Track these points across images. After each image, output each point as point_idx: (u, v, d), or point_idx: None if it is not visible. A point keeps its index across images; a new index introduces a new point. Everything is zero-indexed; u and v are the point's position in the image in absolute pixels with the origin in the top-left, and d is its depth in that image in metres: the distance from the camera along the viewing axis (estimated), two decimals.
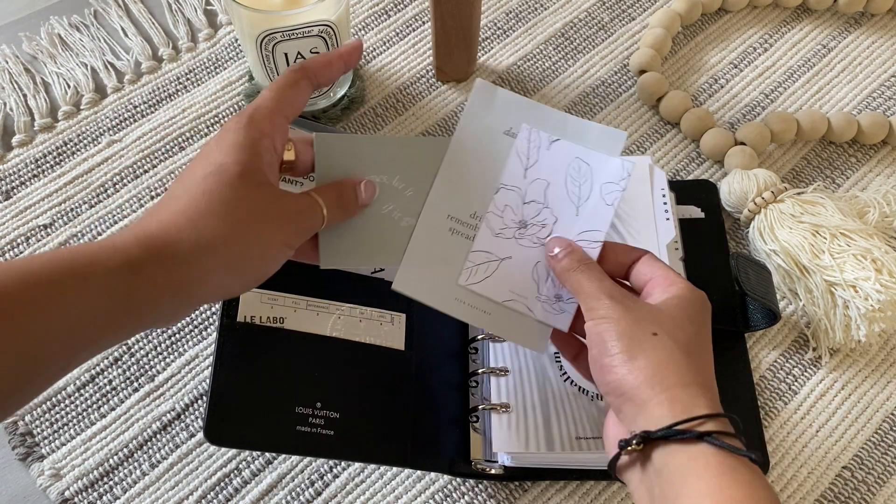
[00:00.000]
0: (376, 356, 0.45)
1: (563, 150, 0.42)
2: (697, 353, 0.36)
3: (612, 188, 0.42)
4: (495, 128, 0.42)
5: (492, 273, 0.41)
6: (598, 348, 0.36)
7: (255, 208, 0.34)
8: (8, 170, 0.58)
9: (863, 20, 0.66)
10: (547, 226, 0.42)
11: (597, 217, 0.41)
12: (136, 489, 0.47)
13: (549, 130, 0.42)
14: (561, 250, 0.40)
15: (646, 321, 0.36)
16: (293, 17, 0.49)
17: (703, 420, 0.33)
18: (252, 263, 0.34)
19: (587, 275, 0.39)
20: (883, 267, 0.49)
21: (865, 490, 0.47)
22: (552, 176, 0.42)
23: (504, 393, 0.46)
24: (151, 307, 0.32)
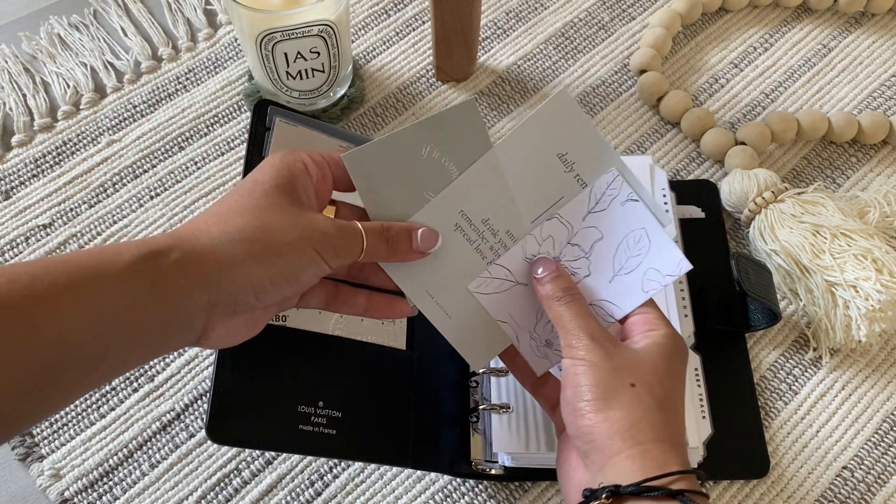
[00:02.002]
0: (378, 355, 0.45)
1: (634, 214, 0.39)
2: (673, 408, 0.35)
3: (655, 277, 0.38)
4: (551, 146, 0.39)
5: (502, 291, 0.40)
6: (573, 390, 0.35)
7: (285, 215, 0.34)
8: (7, 170, 0.58)
9: (863, 20, 0.66)
10: (577, 276, 0.39)
11: (626, 296, 0.39)
12: (136, 489, 0.47)
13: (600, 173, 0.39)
14: (546, 273, 0.39)
15: (625, 370, 0.35)
16: (293, 17, 0.49)
17: (676, 477, 0.32)
18: (280, 259, 0.33)
19: (571, 309, 0.37)
20: (883, 267, 0.48)
21: (865, 490, 0.47)
22: (609, 232, 0.39)
23: (504, 393, 0.46)
24: (182, 295, 0.31)
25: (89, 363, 0.30)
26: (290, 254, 0.34)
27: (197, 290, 0.32)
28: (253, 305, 0.34)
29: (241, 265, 0.32)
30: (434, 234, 0.38)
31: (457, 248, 0.39)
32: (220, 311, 0.33)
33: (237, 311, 0.34)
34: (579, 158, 0.39)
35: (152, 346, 0.32)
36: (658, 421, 0.34)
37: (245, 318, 0.35)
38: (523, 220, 0.40)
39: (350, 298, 0.40)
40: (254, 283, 0.33)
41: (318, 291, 0.39)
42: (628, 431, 0.33)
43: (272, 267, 0.33)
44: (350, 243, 0.35)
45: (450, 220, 0.39)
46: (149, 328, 0.31)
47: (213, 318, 0.33)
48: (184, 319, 0.32)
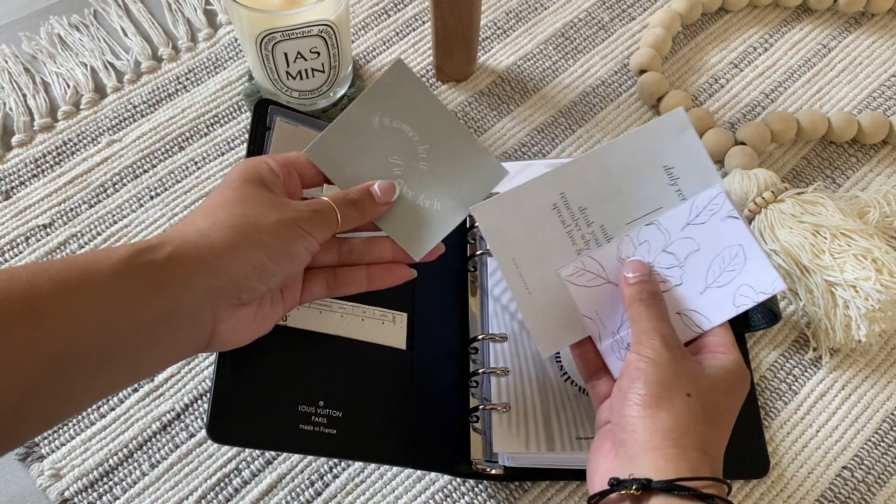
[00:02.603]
0: (378, 355, 0.45)
1: (733, 230, 0.40)
2: (720, 426, 0.36)
3: (748, 293, 0.39)
4: (660, 157, 0.41)
5: (592, 287, 0.41)
6: (629, 381, 0.36)
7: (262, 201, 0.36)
8: (7, 170, 0.58)
9: (863, 20, 0.66)
10: (668, 283, 0.40)
11: (715, 309, 0.40)
12: (136, 489, 0.47)
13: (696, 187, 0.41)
14: (636, 276, 0.40)
15: (685, 379, 0.36)
16: (293, 17, 0.49)
17: (706, 483, 0.33)
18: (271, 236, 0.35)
19: (650, 310, 0.38)
20: (883, 267, 0.49)
21: (865, 490, 0.47)
22: (706, 245, 0.40)
23: (504, 393, 0.46)
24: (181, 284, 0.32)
25: (96, 360, 0.30)
26: (278, 232, 0.35)
27: (196, 278, 0.32)
28: (257, 288, 0.35)
29: (236, 248, 0.34)
30: (391, 185, 0.40)
31: (550, 226, 0.41)
32: (226, 299, 0.34)
33: (243, 297, 0.35)
34: (684, 175, 0.41)
35: (163, 343, 0.32)
36: (703, 433, 0.35)
37: (253, 310, 0.36)
38: (619, 219, 0.41)
39: (350, 277, 0.41)
40: (252, 262, 0.34)
41: (318, 280, 0.40)
42: (671, 433, 0.34)
43: (266, 245, 0.35)
44: (325, 216, 0.38)
45: (550, 197, 0.41)
46: (153, 322, 0.31)
47: (220, 309, 0.34)
48: (189, 311, 0.32)
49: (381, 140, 0.41)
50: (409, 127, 0.41)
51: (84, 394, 0.31)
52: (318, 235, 0.37)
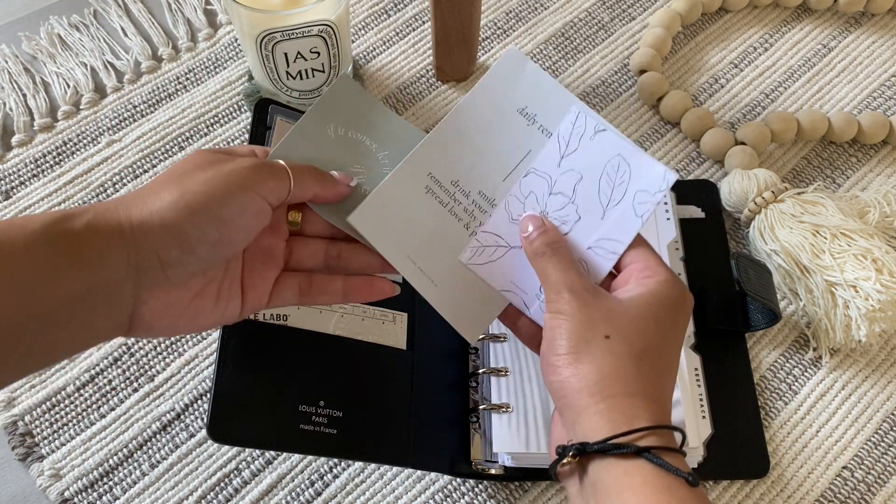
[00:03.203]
0: (378, 355, 0.45)
1: (606, 143, 0.38)
2: (653, 361, 0.33)
3: (645, 198, 0.37)
4: (510, 102, 0.39)
5: (497, 259, 0.39)
6: (547, 344, 0.34)
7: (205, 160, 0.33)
8: (7, 169, 0.58)
9: (863, 20, 0.66)
10: (568, 223, 0.38)
11: (622, 227, 0.37)
12: (136, 489, 0.47)
13: (563, 122, 0.39)
14: (534, 230, 0.37)
15: (602, 321, 0.33)
16: (293, 17, 0.49)
17: (644, 433, 0.31)
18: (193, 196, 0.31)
19: (552, 261, 0.36)
20: (883, 267, 0.49)
21: (865, 490, 0.47)
22: (587, 170, 0.38)
23: (504, 393, 0.46)
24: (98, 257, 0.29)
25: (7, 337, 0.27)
26: (203, 189, 0.31)
27: (114, 251, 0.29)
28: (181, 261, 0.31)
29: (155, 214, 0.30)
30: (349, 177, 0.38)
31: (430, 211, 0.39)
32: (149, 277, 0.30)
33: (168, 274, 0.31)
34: (540, 110, 0.39)
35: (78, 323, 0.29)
36: (631, 374, 0.32)
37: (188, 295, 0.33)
38: (495, 179, 0.40)
39: (325, 286, 0.38)
40: (170, 229, 0.30)
41: (290, 283, 0.37)
42: (597, 385, 0.32)
43: (185, 205, 0.31)
44: (275, 171, 0.34)
45: (420, 183, 0.39)
46: (68, 298, 0.28)
47: (144, 287, 0.30)
48: (106, 287, 0.29)
49: (341, 149, 0.40)
50: (364, 136, 0.40)
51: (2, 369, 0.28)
52: (263, 189, 0.33)
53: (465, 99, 0.39)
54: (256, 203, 0.33)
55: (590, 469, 0.31)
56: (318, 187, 0.37)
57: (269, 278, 0.37)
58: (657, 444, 0.31)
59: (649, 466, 0.30)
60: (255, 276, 0.36)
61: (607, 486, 0.30)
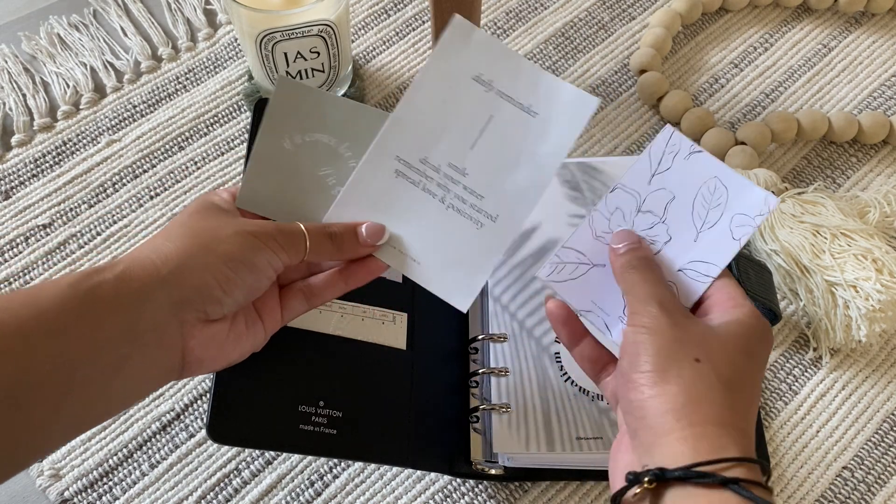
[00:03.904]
0: (378, 355, 0.45)
1: (702, 165, 0.37)
2: (741, 392, 0.31)
3: (744, 221, 0.36)
4: (464, 71, 0.39)
5: (578, 276, 0.38)
6: (629, 360, 0.32)
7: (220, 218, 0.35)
8: (7, 169, 0.58)
9: (863, 20, 0.66)
10: (657, 243, 0.37)
11: (717, 250, 0.36)
12: (136, 489, 0.47)
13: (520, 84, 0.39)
14: (625, 245, 0.36)
15: (691, 343, 0.31)
16: (293, 17, 0.49)
17: (731, 465, 0.29)
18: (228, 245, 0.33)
19: (643, 275, 0.35)
20: (883, 267, 0.48)
21: (865, 490, 0.47)
22: (681, 190, 0.37)
23: (504, 393, 0.46)
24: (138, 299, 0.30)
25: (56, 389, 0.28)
26: (235, 240, 0.34)
27: (154, 291, 0.30)
28: (221, 300, 0.33)
29: (192, 258, 0.32)
30: (380, 227, 0.38)
31: (405, 194, 0.39)
32: (191, 314, 0.32)
33: (208, 311, 0.33)
34: (495, 75, 0.39)
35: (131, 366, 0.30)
36: (720, 402, 0.30)
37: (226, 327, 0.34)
38: (461, 148, 0.39)
39: (326, 283, 0.40)
40: (212, 271, 0.32)
41: (294, 294, 0.39)
42: (683, 409, 0.30)
43: (224, 254, 0.33)
44: (292, 239, 0.36)
45: (387, 168, 0.39)
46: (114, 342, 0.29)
47: (188, 324, 0.32)
48: (153, 327, 0.30)
49: (302, 158, 0.40)
50: (321, 135, 0.40)
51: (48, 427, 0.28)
52: (282, 255, 0.35)
53: (419, 75, 0.39)
54: (277, 262, 0.35)
55: (666, 498, 0.29)
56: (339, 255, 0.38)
57: (275, 299, 0.38)
58: (745, 476, 0.29)
59: (734, 500, 0.28)
60: (264, 300, 0.38)
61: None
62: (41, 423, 0.28)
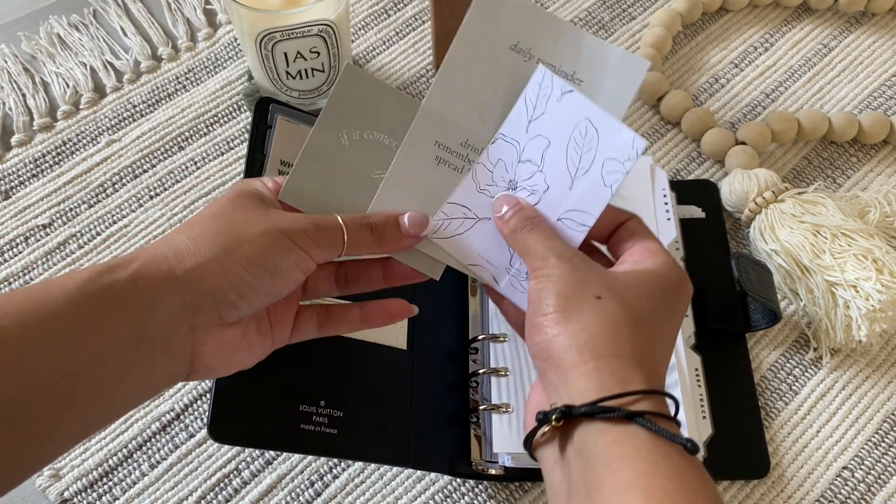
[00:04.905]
0: (379, 355, 0.45)
1: (573, 106, 0.35)
2: (648, 328, 0.31)
3: (614, 167, 0.34)
4: (499, 41, 0.36)
5: (464, 231, 0.37)
6: (533, 307, 0.32)
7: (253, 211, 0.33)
8: (7, 169, 0.58)
9: (864, 19, 0.66)
10: (536, 193, 0.36)
11: (591, 197, 0.35)
12: (136, 489, 0.47)
13: (562, 51, 0.36)
14: (509, 209, 0.35)
15: (592, 283, 0.31)
16: (292, 17, 0.49)
17: (637, 398, 0.28)
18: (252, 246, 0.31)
19: (535, 234, 0.34)
20: (884, 267, 0.48)
21: (865, 490, 0.47)
22: (555, 135, 0.35)
23: (504, 393, 0.46)
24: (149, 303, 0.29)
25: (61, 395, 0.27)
26: (262, 241, 0.32)
27: (166, 295, 0.29)
28: (237, 305, 0.31)
29: (210, 260, 0.30)
30: (423, 217, 0.36)
31: (448, 181, 0.37)
32: (204, 318, 0.31)
33: (223, 315, 0.31)
34: (534, 42, 0.37)
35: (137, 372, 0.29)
36: (624, 335, 0.30)
37: (240, 332, 0.33)
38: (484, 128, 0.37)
39: (343, 315, 0.39)
40: (228, 275, 0.31)
41: (309, 316, 0.38)
42: (586, 344, 0.29)
43: (244, 256, 0.31)
44: (328, 234, 0.34)
45: (428, 156, 0.37)
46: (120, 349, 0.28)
47: (200, 330, 0.31)
48: (162, 333, 0.29)
49: (357, 157, 0.37)
50: (380, 134, 0.37)
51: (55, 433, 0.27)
52: (314, 253, 0.33)
53: (451, 51, 0.36)
54: (307, 263, 0.33)
55: (575, 436, 0.29)
56: (378, 247, 0.36)
57: (291, 312, 0.37)
58: (651, 409, 0.28)
59: (643, 434, 0.28)
60: (279, 311, 0.36)
61: (595, 454, 0.28)
62: (43, 435, 0.27)
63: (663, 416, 0.28)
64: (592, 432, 0.28)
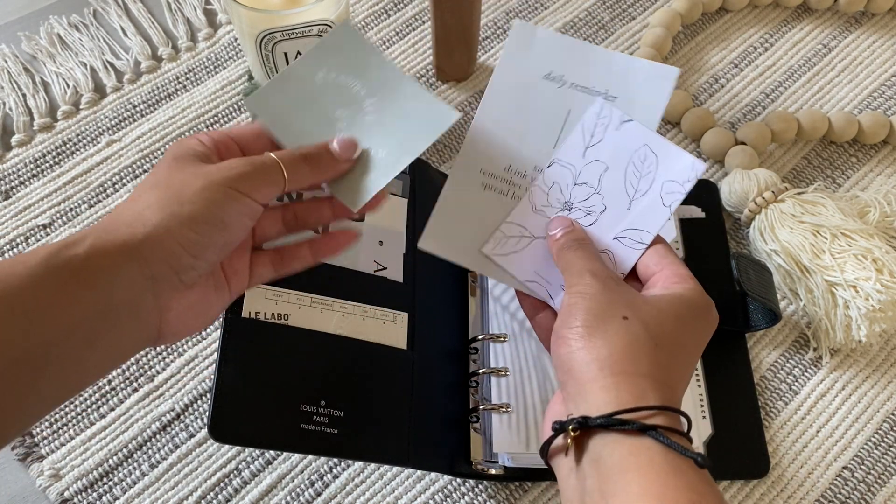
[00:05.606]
0: (379, 355, 0.45)
1: (632, 134, 0.38)
2: (669, 350, 0.32)
3: (673, 188, 0.38)
4: (534, 72, 0.40)
5: (521, 249, 0.39)
6: (562, 320, 0.34)
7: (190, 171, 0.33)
8: (7, 169, 0.58)
9: (863, 19, 0.66)
10: (593, 213, 0.38)
11: (649, 217, 0.38)
12: (136, 489, 0.47)
13: (593, 72, 0.39)
14: (561, 229, 0.38)
15: (621, 304, 0.33)
16: (293, 17, 0.49)
17: (652, 413, 0.30)
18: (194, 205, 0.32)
19: (578, 253, 0.36)
20: (884, 267, 0.48)
21: (865, 490, 0.47)
22: (613, 160, 0.38)
23: (504, 393, 0.46)
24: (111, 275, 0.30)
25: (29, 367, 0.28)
26: (203, 197, 0.32)
27: (125, 266, 0.30)
28: (194, 266, 0.32)
29: (158, 228, 0.31)
30: (351, 141, 0.37)
31: (495, 206, 0.40)
32: (166, 284, 0.31)
33: (182, 279, 0.32)
34: (566, 69, 0.40)
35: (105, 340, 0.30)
36: (644, 355, 0.31)
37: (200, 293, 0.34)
38: (545, 149, 0.40)
39: (294, 253, 0.39)
40: (178, 239, 0.31)
41: (263, 261, 0.38)
42: (607, 360, 0.31)
43: (188, 216, 0.31)
44: (268, 172, 0.34)
45: (475, 184, 0.40)
46: (88, 319, 0.29)
47: (163, 297, 0.31)
48: (128, 303, 0.30)
49: (326, 95, 0.39)
50: (355, 81, 0.39)
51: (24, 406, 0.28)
52: (258, 195, 0.33)
53: (490, 86, 0.39)
54: (252, 207, 0.34)
55: (590, 446, 0.30)
56: (316, 176, 0.36)
57: (245, 260, 0.37)
58: (665, 424, 0.30)
59: (656, 447, 0.29)
60: (234, 261, 0.37)
61: (610, 464, 0.29)
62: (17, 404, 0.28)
63: (676, 431, 0.30)
64: (608, 443, 0.30)
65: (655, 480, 0.28)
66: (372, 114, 0.39)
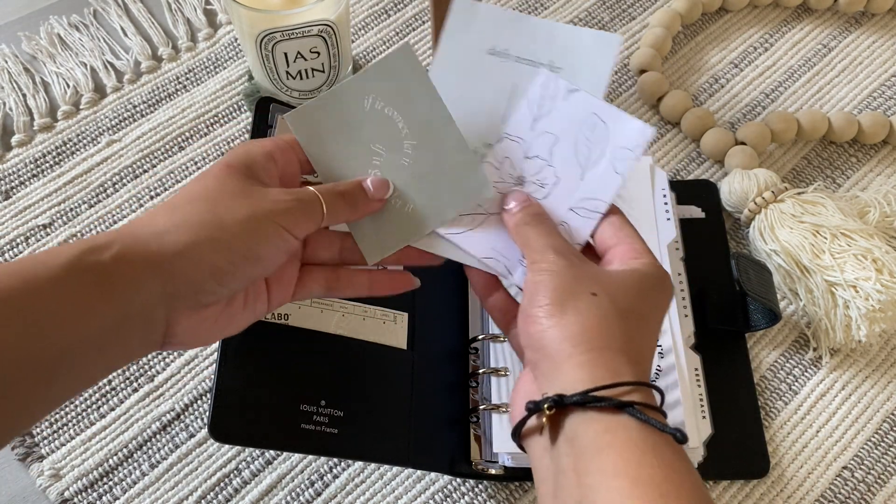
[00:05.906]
0: (379, 355, 0.45)
1: (580, 103, 0.38)
2: (637, 324, 0.32)
3: (624, 154, 0.37)
4: (477, 48, 0.39)
5: (476, 226, 0.38)
6: (529, 298, 0.33)
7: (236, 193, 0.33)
8: (7, 169, 0.58)
9: (863, 20, 0.66)
10: (546, 186, 0.38)
11: (603, 185, 0.37)
12: (136, 489, 0.47)
13: (536, 44, 0.39)
14: (516, 204, 0.37)
15: (588, 279, 0.33)
16: (293, 17, 0.49)
17: (628, 389, 0.29)
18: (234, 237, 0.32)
19: (537, 229, 0.36)
20: (883, 267, 0.49)
21: (865, 490, 0.47)
22: (563, 131, 0.38)
23: (504, 393, 0.46)
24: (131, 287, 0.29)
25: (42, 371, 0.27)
26: (246, 228, 0.32)
27: (147, 281, 0.30)
28: (217, 292, 0.32)
29: (191, 249, 0.31)
30: (384, 181, 0.37)
31: None
32: (182, 303, 0.31)
33: (202, 300, 0.32)
34: (510, 42, 0.39)
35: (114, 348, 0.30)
36: (616, 329, 0.31)
37: (217, 311, 0.33)
38: (493, 125, 0.39)
39: (352, 279, 0.39)
40: (209, 266, 0.31)
41: (317, 277, 0.38)
42: (580, 336, 0.31)
43: (227, 247, 0.31)
44: (308, 207, 0.34)
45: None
46: (103, 327, 0.29)
47: (176, 312, 0.31)
48: (140, 315, 0.30)
49: (368, 124, 0.38)
50: (400, 116, 0.38)
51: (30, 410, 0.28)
52: (297, 230, 0.34)
53: (433, 66, 0.39)
54: (291, 243, 0.34)
55: (566, 424, 0.30)
56: (351, 214, 0.37)
57: (292, 273, 0.37)
58: (640, 400, 0.29)
59: (633, 424, 0.29)
60: (279, 273, 0.36)
61: (586, 442, 0.29)
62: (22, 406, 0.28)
63: (652, 407, 0.30)
64: (584, 421, 0.29)
65: (632, 458, 0.28)
66: (408, 158, 0.38)
